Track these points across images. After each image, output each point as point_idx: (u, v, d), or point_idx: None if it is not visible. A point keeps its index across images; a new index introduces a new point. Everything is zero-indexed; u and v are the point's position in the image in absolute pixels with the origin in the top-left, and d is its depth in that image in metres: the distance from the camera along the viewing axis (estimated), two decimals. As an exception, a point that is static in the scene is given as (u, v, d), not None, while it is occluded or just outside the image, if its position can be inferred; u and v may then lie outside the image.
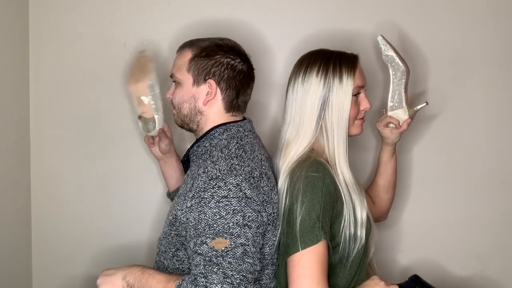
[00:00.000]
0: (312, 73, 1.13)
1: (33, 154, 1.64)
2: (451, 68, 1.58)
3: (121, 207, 1.65)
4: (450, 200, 1.62)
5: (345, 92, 1.12)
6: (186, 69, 1.12)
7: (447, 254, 1.61)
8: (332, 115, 1.12)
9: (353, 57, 1.17)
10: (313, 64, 1.14)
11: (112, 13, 1.58)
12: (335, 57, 1.15)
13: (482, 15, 1.56)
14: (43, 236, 1.66)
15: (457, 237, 1.62)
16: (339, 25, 1.56)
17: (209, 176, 1.01)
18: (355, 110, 1.16)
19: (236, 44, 1.16)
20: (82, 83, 1.61)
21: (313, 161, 1.09)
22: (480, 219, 1.61)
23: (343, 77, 1.12)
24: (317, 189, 1.04)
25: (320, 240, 1.01)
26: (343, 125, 1.13)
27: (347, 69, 1.13)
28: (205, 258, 0.95)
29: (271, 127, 1.58)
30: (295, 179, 1.07)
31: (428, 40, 1.57)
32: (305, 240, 1.02)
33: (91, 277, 1.66)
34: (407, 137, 1.59)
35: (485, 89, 1.59)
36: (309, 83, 1.13)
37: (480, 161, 1.60)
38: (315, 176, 1.06)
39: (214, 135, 1.11)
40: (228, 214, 0.96)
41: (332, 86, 1.12)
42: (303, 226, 1.02)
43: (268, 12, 1.57)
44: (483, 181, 1.61)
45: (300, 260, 1.01)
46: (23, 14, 1.57)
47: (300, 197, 1.04)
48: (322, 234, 1.02)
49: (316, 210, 1.03)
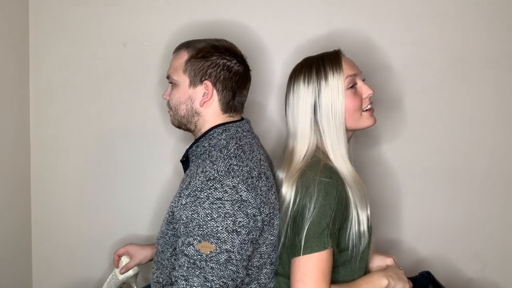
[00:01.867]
0: (299, 84, 1.15)
1: (33, 154, 1.64)
2: (451, 68, 1.58)
3: (121, 207, 1.65)
4: (450, 200, 1.62)
5: (334, 89, 1.12)
6: (182, 71, 1.12)
7: (447, 254, 1.61)
8: (324, 116, 1.12)
9: (335, 53, 1.17)
10: (298, 75, 1.16)
11: (112, 13, 1.58)
12: (317, 60, 1.16)
13: (482, 15, 1.56)
14: (43, 236, 1.66)
15: (457, 237, 1.62)
16: (336, 26, 1.56)
17: (206, 176, 1.00)
18: (357, 101, 1.14)
19: (232, 45, 1.16)
20: (82, 83, 1.61)
21: (325, 165, 1.09)
22: (480, 219, 1.61)
23: (329, 75, 1.12)
24: (330, 196, 1.04)
25: (327, 248, 1.01)
26: (336, 122, 1.12)
27: (331, 66, 1.13)
28: (189, 260, 0.96)
29: (269, 127, 1.58)
30: (307, 182, 1.06)
31: (428, 40, 1.57)
32: (312, 245, 1.01)
33: (91, 277, 1.67)
34: (407, 137, 1.59)
35: (485, 89, 1.59)
36: (298, 94, 1.14)
37: (480, 161, 1.60)
38: (328, 182, 1.05)
39: (213, 135, 1.11)
40: (219, 217, 0.96)
41: (320, 88, 1.12)
42: (312, 231, 1.02)
43: (265, 13, 1.57)
44: (483, 181, 1.61)
45: (302, 265, 1.01)
46: (23, 14, 1.58)
47: (313, 201, 1.03)
48: (329, 242, 1.02)
49: (327, 217, 1.02)
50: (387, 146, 1.61)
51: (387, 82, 1.57)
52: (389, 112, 1.58)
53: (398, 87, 1.58)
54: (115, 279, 1.33)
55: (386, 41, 1.55)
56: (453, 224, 1.63)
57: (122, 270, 1.33)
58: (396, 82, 1.58)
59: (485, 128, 1.60)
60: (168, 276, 1.10)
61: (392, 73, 1.57)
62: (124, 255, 1.34)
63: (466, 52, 1.57)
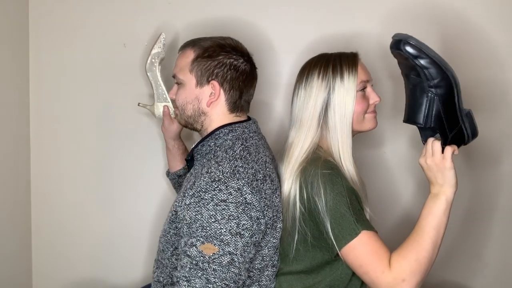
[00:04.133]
0: (313, 77, 1.15)
1: (33, 154, 1.64)
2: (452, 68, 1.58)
3: (122, 206, 1.65)
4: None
5: (347, 90, 1.13)
6: (188, 70, 1.12)
7: (447, 255, 1.61)
8: (335, 114, 1.13)
9: (353, 55, 1.18)
10: (313, 68, 1.16)
11: (112, 13, 1.58)
12: (335, 58, 1.16)
13: (482, 15, 1.56)
14: (43, 236, 1.66)
15: (457, 237, 1.62)
16: (343, 25, 1.55)
17: (211, 177, 1.00)
18: (364, 105, 1.16)
19: (238, 43, 1.15)
20: (82, 83, 1.61)
21: (325, 159, 1.09)
22: (481, 218, 1.61)
23: (345, 76, 1.13)
24: (337, 185, 1.04)
25: (358, 233, 1.01)
26: (346, 123, 1.13)
27: (348, 67, 1.14)
28: (192, 261, 0.96)
29: (276, 127, 1.58)
30: (310, 177, 1.06)
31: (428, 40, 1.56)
32: (344, 236, 1.02)
33: (92, 277, 1.67)
34: (406, 137, 1.59)
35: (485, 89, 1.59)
36: (311, 87, 1.14)
37: (480, 161, 1.60)
38: (330, 173, 1.06)
39: (219, 135, 1.10)
40: (223, 219, 0.96)
41: (334, 86, 1.13)
42: (337, 224, 1.02)
43: (272, 11, 1.56)
44: (483, 181, 1.61)
45: (351, 259, 1.02)
46: (23, 14, 1.58)
47: (323, 196, 1.03)
48: (359, 226, 1.02)
49: (343, 205, 1.03)
50: (387, 147, 1.61)
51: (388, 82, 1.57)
52: (390, 112, 1.58)
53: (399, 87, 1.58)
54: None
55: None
56: (453, 224, 1.62)
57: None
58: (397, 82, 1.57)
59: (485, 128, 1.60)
60: (169, 275, 1.10)
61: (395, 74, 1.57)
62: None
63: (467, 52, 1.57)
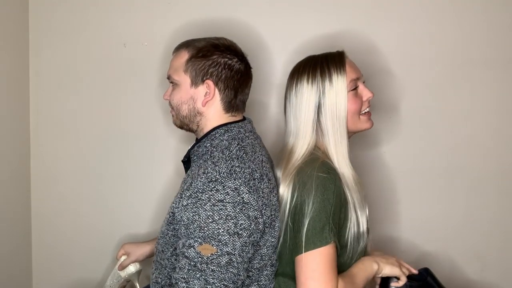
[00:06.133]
0: (302, 83, 1.14)
1: (33, 154, 1.64)
2: (452, 68, 1.58)
3: (122, 207, 1.65)
4: (449, 201, 1.62)
5: (338, 91, 1.12)
6: (183, 71, 1.11)
7: (447, 255, 1.61)
8: (328, 117, 1.12)
9: (339, 54, 1.17)
10: (302, 73, 1.15)
11: (112, 13, 1.58)
12: (322, 60, 1.15)
13: (482, 15, 1.56)
14: (43, 236, 1.66)
15: (457, 238, 1.62)
16: (338, 26, 1.56)
17: (208, 178, 1.00)
18: (358, 103, 1.15)
19: (232, 43, 1.15)
20: (82, 83, 1.61)
21: (323, 161, 1.09)
22: (480, 219, 1.61)
23: (333, 77, 1.12)
24: (329, 191, 1.04)
25: (330, 243, 1.01)
26: (340, 124, 1.12)
27: (336, 68, 1.13)
28: (190, 262, 0.96)
29: (272, 127, 1.58)
30: (305, 177, 1.06)
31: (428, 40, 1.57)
32: (314, 241, 1.02)
33: (92, 277, 1.67)
34: (406, 137, 1.59)
35: (485, 89, 1.58)
36: (302, 93, 1.14)
37: (480, 161, 1.60)
38: (326, 177, 1.05)
39: (215, 135, 1.10)
40: (220, 219, 0.96)
41: (324, 89, 1.12)
42: (313, 227, 1.02)
43: (267, 11, 1.57)
44: (483, 181, 1.61)
45: (310, 262, 1.01)
46: (23, 14, 1.58)
47: (312, 197, 1.03)
48: (332, 237, 1.02)
49: (326, 212, 1.03)
50: (386, 147, 1.61)
51: (386, 82, 1.57)
52: (389, 112, 1.58)
53: (398, 87, 1.58)
54: (117, 276, 1.35)
55: (386, 42, 1.55)
56: (452, 224, 1.62)
57: (118, 267, 1.35)
58: (396, 82, 1.57)
59: (485, 128, 1.60)
60: (167, 276, 1.10)
61: (392, 73, 1.57)
62: (123, 255, 1.36)
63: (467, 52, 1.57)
